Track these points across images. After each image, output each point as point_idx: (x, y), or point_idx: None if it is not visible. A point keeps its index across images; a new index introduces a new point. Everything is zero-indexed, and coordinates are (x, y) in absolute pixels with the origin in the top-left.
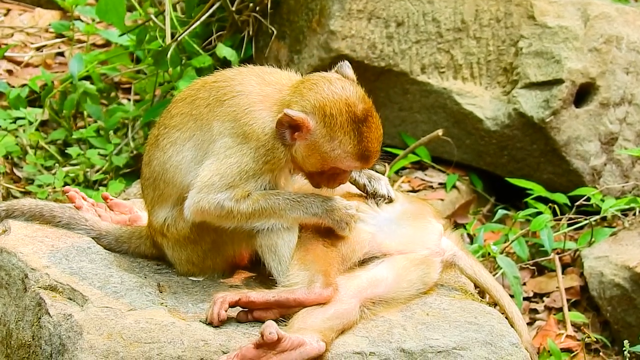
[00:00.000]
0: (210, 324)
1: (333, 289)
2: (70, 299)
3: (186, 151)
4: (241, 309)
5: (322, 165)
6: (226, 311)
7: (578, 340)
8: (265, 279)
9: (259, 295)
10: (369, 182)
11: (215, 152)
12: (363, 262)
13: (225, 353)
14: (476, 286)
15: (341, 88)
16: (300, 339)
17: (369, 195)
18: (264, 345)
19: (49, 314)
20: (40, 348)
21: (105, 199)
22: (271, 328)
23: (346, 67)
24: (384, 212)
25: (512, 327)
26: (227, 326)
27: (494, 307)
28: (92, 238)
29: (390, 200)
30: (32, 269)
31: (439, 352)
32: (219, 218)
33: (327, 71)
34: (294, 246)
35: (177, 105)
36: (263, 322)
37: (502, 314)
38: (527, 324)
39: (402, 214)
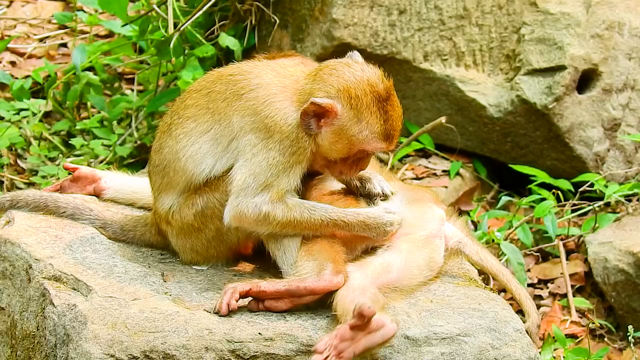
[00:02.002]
0: (217, 313)
1: (343, 276)
2: (75, 289)
3: (202, 143)
4: (252, 299)
5: (349, 149)
6: (237, 301)
7: (582, 326)
8: (270, 267)
9: (269, 284)
10: (361, 183)
11: (242, 152)
12: (367, 252)
13: (229, 342)
14: (482, 272)
15: (361, 70)
16: (381, 320)
17: (363, 196)
18: (358, 326)
19: (53, 304)
20: (45, 338)
21: (68, 169)
22: (369, 302)
23: (356, 56)
24: (384, 201)
25: (521, 309)
26: (232, 315)
27: (499, 293)
28: (97, 228)
29: (386, 197)
30: (36, 259)
31: (443, 338)
32: (256, 223)
33: (330, 59)
34: (298, 236)
35: (192, 96)
36: (273, 312)
37: (510, 297)
38: None
39: (402, 202)
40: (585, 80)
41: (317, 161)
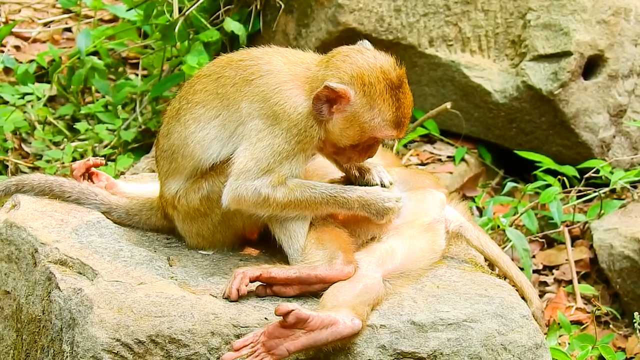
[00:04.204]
0: (227, 298)
1: (353, 266)
2: (80, 273)
3: (211, 129)
4: (260, 284)
5: (360, 136)
6: (246, 286)
7: (588, 312)
8: (276, 252)
9: (280, 271)
10: (360, 173)
11: (247, 137)
12: (372, 239)
13: (235, 326)
14: (484, 257)
15: (374, 57)
16: (332, 318)
17: (361, 186)
18: (288, 325)
19: (59, 288)
20: (51, 322)
21: (89, 167)
22: (284, 307)
23: (367, 44)
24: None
25: (522, 295)
26: (238, 300)
27: (504, 279)
28: (102, 212)
29: (384, 187)
30: (42, 243)
31: (449, 324)
32: (255, 205)
33: (335, 44)
34: (304, 220)
35: (201, 81)
36: (280, 297)
37: (511, 284)
38: None
39: (402, 186)
40: (591, 66)
41: (325, 149)
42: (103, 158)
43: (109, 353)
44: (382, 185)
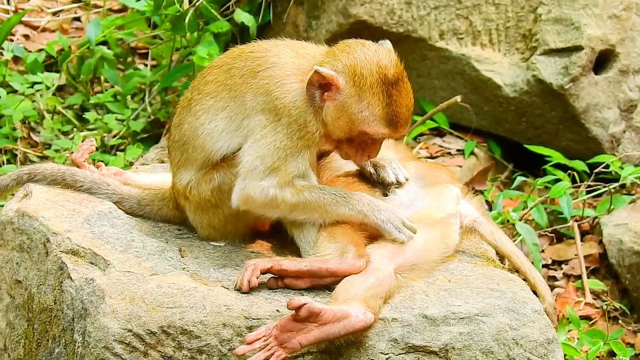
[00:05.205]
0: (239, 289)
1: (365, 260)
2: (92, 264)
3: (219, 120)
4: (272, 276)
5: (349, 129)
6: (257, 278)
7: (597, 307)
8: (287, 244)
9: (291, 263)
10: (375, 170)
11: (252, 132)
12: None
13: (247, 318)
14: (497, 252)
15: (374, 51)
16: (344, 311)
17: (377, 183)
18: (301, 318)
19: (70, 278)
20: (62, 312)
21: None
22: (296, 301)
23: (387, 44)
24: (398, 188)
25: (535, 291)
26: (250, 291)
27: (515, 273)
28: (114, 202)
29: (400, 184)
30: (54, 233)
31: (461, 318)
32: (264, 206)
33: (345, 37)
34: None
35: (212, 72)
36: (293, 289)
37: (524, 280)
38: None
39: (419, 181)
40: (602, 61)
41: (326, 144)
42: (94, 140)
43: (120, 343)
44: (398, 182)
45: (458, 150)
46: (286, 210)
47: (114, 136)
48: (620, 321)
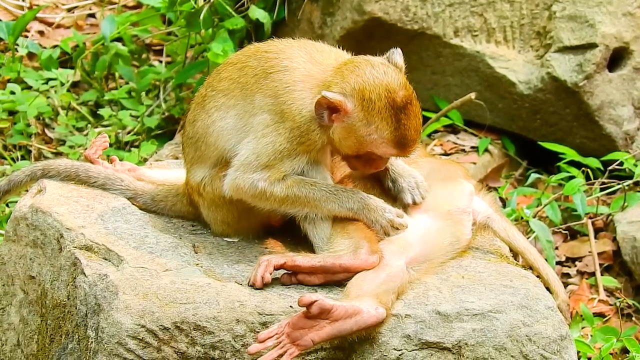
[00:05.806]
0: (252, 285)
1: (378, 256)
2: (106, 259)
3: (229, 118)
4: (285, 272)
5: (357, 149)
6: (270, 274)
7: (610, 304)
8: (300, 241)
9: (304, 259)
10: (393, 186)
11: (254, 129)
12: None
13: (260, 314)
14: (510, 249)
15: (383, 73)
16: (356, 307)
17: (392, 197)
18: (312, 315)
19: (84, 273)
20: (76, 308)
21: (105, 147)
22: (307, 298)
23: (397, 54)
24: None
25: (548, 288)
26: (264, 287)
27: (529, 270)
28: (128, 198)
29: (415, 203)
30: (68, 228)
31: (474, 314)
32: (253, 198)
33: (360, 34)
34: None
35: (227, 69)
36: (306, 285)
37: (537, 276)
38: None
39: (432, 177)
40: (616, 58)
41: (333, 152)
42: (106, 136)
43: (133, 339)
44: (414, 203)
45: (472, 147)
46: (275, 203)
47: (129, 132)
48: (633, 318)
